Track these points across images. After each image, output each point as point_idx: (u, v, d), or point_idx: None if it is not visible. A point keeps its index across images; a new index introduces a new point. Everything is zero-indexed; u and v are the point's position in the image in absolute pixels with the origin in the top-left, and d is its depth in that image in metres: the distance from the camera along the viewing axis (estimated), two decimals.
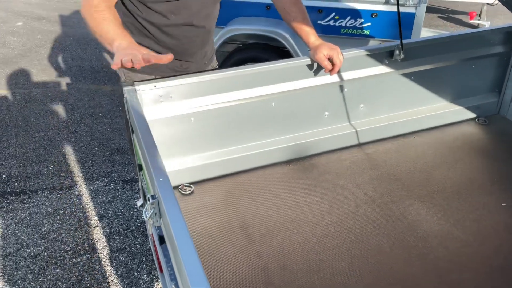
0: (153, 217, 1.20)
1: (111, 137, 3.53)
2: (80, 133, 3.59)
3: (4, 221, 2.65)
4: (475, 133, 2.22)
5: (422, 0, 2.99)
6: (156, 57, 1.37)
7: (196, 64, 1.90)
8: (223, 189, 1.84)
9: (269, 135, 1.95)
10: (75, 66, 4.90)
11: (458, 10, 6.30)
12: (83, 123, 3.74)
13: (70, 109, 3.97)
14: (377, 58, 1.99)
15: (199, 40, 1.84)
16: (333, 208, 1.75)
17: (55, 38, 5.74)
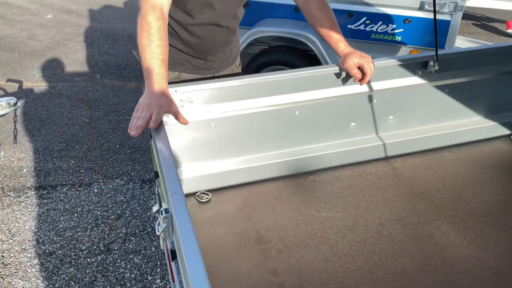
0: (165, 231, 1.14)
1: None
2: (102, 130, 3.59)
3: (22, 215, 2.65)
4: (509, 150, 2.09)
5: (458, 7, 2.86)
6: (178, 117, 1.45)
7: (220, 63, 1.85)
8: (240, 199, 1.78)
9: (292, 145, 1.88)
10: (101, 62, 4.92)
11: (494, 18, 6.08)
12: (106, 120, 3.74)
13: (94, 105, 3.98)
14: (409, 69, 1.89)
15: (223, 39, 1.79)
16: (356, 225, 1.66)
17: (84, 32, 5.79)
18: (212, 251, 1.53)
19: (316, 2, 1.73)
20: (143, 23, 1.45)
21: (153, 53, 1.43)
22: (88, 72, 4.65)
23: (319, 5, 1.73)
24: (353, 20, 3.11)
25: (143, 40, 1.44)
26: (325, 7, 1.75)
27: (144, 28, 1.44)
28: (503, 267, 1.48)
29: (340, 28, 3.20)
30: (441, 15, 2.92)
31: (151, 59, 1.43)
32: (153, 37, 1.44)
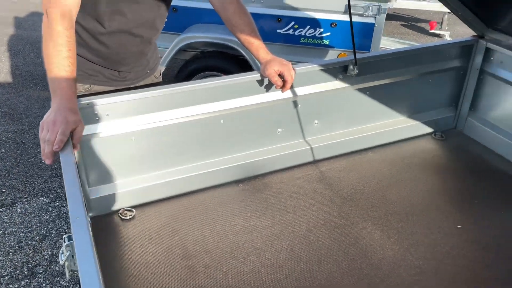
0: (69, 260, 1.06)
1: None
2: (27, 144, 3.38)
3: None
4: (432, 148, 2.17)
5: (381, 10, 2.95)
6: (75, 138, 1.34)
7: (135, 74, 1.77)
8: (166, 214, 1.71)
9: (218, 154, 1.84)
10: (26, 72, 4.65)
11: (421, 19, 6.37)
12: (31, 133, 3.52)
13: (18, 118, 3.74)
14: (331, 73, 1.90)
15: (137, 50, 1.71)
16: (283, 232, 1.65)
17: (8, 41, 5.46)
18: (135, 271, 1.46)
19: (234, 8, 1.70)
20: (51, 31, 1.35)
21: (61, 65, 1.34)
22: (12, 83, 4.38)
23: (238, 11, 1.71)
24: (281, 25, 3.12)
25: (50, 50, 1.35)
26: (244, 13, 1.72)
27: (52, 37, 1.35)
28: (425, 265, 1.52)
29: (270, 33, 3.22)
30: (366, 18, 3.00)
31: (58, 71, 1.34)
32: (62, 47, 1.35)
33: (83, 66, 1.67)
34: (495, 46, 2.07)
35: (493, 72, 2.12)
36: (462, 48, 2.14)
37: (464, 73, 2.20)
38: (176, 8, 3.24)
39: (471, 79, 2.19)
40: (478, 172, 2.02)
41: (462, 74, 2.20)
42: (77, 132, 1.33)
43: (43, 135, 1.26)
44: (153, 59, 1.85)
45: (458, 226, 1.70)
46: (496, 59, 2.10)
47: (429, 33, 5.56)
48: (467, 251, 1.59)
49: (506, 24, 2.03)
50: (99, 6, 1.54)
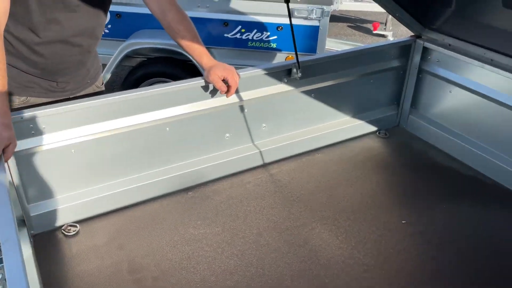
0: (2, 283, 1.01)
1: None
2: None
3: None
4: (376, 146, 2.23)
5: (324, 13, 3.01)
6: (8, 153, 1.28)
7: (75, 84, 1.71)
8: (113, 227, 1.66)
9: (165, 163, 1.81)
10: None
11: (366, 20, 6.55)
12: None
13: None
14: (275, 77, 1.92)
15: (75, 59, 1.65)
16: (234, 238, 1.64)
17: None
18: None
19: (174, 14, 1.68)
20: None
21: None
22: None
23: (178, 17, 1.69)
24: (229, 29, 3.12)
25: None
26: (185, 19, 1.70)
27: None
28: (372, 262, 1.56)
29: (217, 37, 3.21)
30: (310, 21, 3.05)
31: None
32: None
33: (18, 78, 1.60)
34: (431, 45, 2.16)
35: (431, 70, 2.21)
36: (401, 48, 2.22)
37: (404, 72, 2.28)
38: (120, 14, 3.17)
39: (411, 78, 2.27)
40: (421, 167, 2.10)
41: (402, 74, 2.28)
42: (9, 149, 1.27)
43: None
44: (93, 68, 1.79)
45: (403, 221, 1.76)
46: (433, 58, 2.19)
47: (373, 33, 5.73)
48: (412, 245, 1.64)
49: (441, 24, 2.12)
50: (33, 15, 1.47)
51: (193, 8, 3.10)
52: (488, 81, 1.97)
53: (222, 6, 3.10)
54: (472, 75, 2.03)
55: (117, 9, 3.15)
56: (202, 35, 3.24)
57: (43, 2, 1.46)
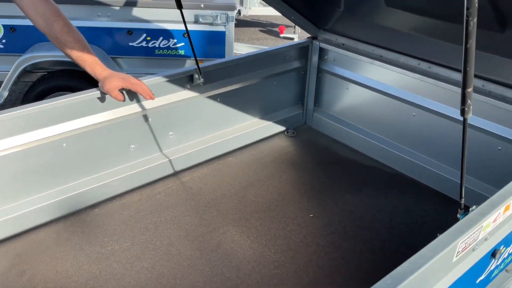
0: None
1: None
2: None
3: None
4: (285, 145, 2.30)
5: (229, 18, 3.05)
6: None
7: None
8: (12, 253, 1.55)
9: (66, 180, 1.73)
10: None
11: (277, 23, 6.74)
12: None
13: None
14: (178, 84, 1.91)
15: None
16: (144, 252, 1.61)
17: None
18: None
19: (61, 25, 1.61)
20: None
21: None
22: None
23: (65, 28, 1.62)
24: (133, 37, 3.05)
25: None
26: (72, 29, 1.63)
27: None
28: (282, 258, 1.60)
29: (122, 46, 3.12)
30: (216, 27, 3.07)
31: None
32: None
33: None
34: (327, 45, 2.27)
35: (328, 69, 2.32)
36: (300, 50, 2.31)
37: (305, 73, 2.38)
38: (15, 27, 2.98)
39: (312, 77, 2.37)
40: (327, 162, 2.20)
41: (303, 74, 2.38)
42: None
43: None
44: None
45: (311, 215, 1.82)
46: (329, 57, 2.30)
47: (281, 37, 5.91)
48: (319, 237, 1.71)
49: (334, 25, 2.23)
50: None
51: (94, 17, 2.99)
52: (378, 76, 2.12)
53: (124, 15, 3.02)
54: (365, 71, 2.16)
55: (11, 23, 2.95)
56: (106, 45, 3.17)
57: None
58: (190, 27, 3.06)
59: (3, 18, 2.95)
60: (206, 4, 3.03)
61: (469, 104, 0.92)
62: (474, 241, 1.07)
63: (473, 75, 0.89)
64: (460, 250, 1.02)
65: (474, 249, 1.09)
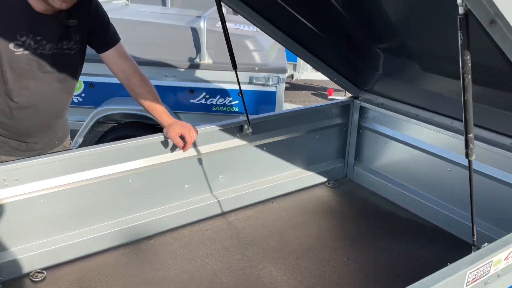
0: None
1: None
2: None
3: None
4: (325, 195, 2.45)
5: (280, 80, 3.35)
6: None
7: (43, 144, 1.89)
8: (77, 274, 1.79)
9: (128, 212, 1.98)
10: None
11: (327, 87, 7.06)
12: None
13: None
14: (230, 132, 2.16)
15: (44, 122, 1.85)
16: (191, 280, 1.78)
17: None
18: None
19: (137, 80, 1.94)
20: None
21: None
22: None
23: (141, 82, 1.94)
24: (194, 95, 3.42)
25: None
26: (146, 83, 1.96)
27: None
28: None
29: (184, 103, 3.49)
30: (268, 87, 3.38)
31: None
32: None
33: None
34: (367, 104, 2.47)
35: (368, 126, 2.50)
36: (342, 108, 2.52)
37: (346, 129, 2.57)
38: (93, 84, 3.44)
39: (352, 133, 2.56)
40: (365, 212, 2.32)
41: (345, 130, 2.57)
42: None
43: None
44: (61, 130, 1.97)
45: (346, 258, 1.94)
46: (369, 115, 2.49)
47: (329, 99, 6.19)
48: (353, 279, 1.82)
49: (373, 86, 2.44)
50: (8, 83, 1.68)
51: (162, 77, 3.40)
52: (415, 133, 2.26)
53: (188, 76, 3.41)
54: (402, 129, 2.32)
55: (90, 80, 3.42)
56: (171, 101, 3.55)
57: (16, 70, 1.67)
58: (244, 87, 3.39)
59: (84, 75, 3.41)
60: (260, 67, 3.37)
61: (471, 148, 1.07)
62: (486, 275, 1.16)
63: (472, 123, 1.05)
64: (469, 280, 1.13)
65: (486, 283, 1.18)
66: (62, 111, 1.92)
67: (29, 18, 1.65)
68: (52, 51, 1.72)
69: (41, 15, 1.66)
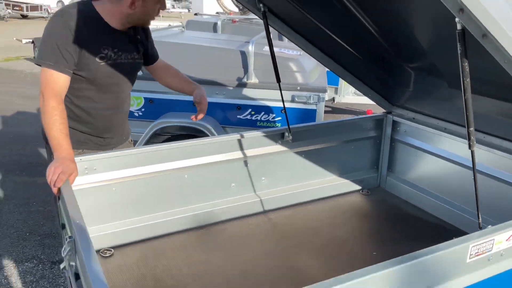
0: (70, 254, 1.45)
1: (43, 223, 3.67)
2: (12, 221, 3.70)
3: None
4: (358, 201, 2.67)
5: (320, 99, 3.62)
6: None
7: (116, 139, 2.26)
8: (140, 252, 2.10)
9: (183, 204, 2.28)
10: (12, 161, 5.06)
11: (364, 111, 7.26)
12: (17, 212, 3.86)
13: (5, 200, 4.09)
14: (272, 139, 2.45)
15: (119, 120, 2.22)
16: (238, 259, 2.05)
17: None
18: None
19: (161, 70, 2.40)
20: (48, 108, 1.87)
21: (59, 130, 1.84)
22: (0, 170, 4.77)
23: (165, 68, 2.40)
24: (241, 112, 3.75)
25: (47, 120, 1.86)
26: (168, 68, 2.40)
27: (48, 111, 1.87)
28: None
29: (231, 118, 3.82)
30: (309, 105, 3.66)
31: (56, 134, 1.84)
32: (57, 117, 1.86)
33: (76, 136, 2.15)
34: (399, 119, 2.69)
35: (401, 139, 2.71)
36: (376, 122, 2.75)
37: (380, 141, 2.79)
38: (152, 100, 3.85)
39: (385, 145, 2.77)
40: (395, 218, 2.51)
41: (378, 142, 2.79)
42: (73, 175, 1.79)
43: (51, 176, 1.72)
44: (127, 128, 2.36)
45: (374, 253, 2.14)
46: (401, 129, 2.70)
47: None
48: None
49: (404, 102, 2.66)
50: (94, 90, 2.07)
51: (213, 95, 3.76)
52: (445, 145, 2.46)
53: (236, 94, 3.76)
54: (432, 141, 2.52)
55: (150, 96, 3.84)
56: (219, 116, 3.88)
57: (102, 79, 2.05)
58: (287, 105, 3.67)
59: (145, 92, 3.85)
60: (302, 87, 3.66)
61: (472, 140, 1.30)
62: (488, 251, 1.36)
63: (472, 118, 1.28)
64: (473, 253, 1.33)
65: (489, 259, 1.37)
66: (128, 111, 2.30)
67: (109, 35, 2.04)
68: (126, 61, 2.12)
69: (117, 31, 2.06)
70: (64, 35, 1.92)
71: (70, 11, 1.97)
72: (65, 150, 1.82)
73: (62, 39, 1.91)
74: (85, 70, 2.01)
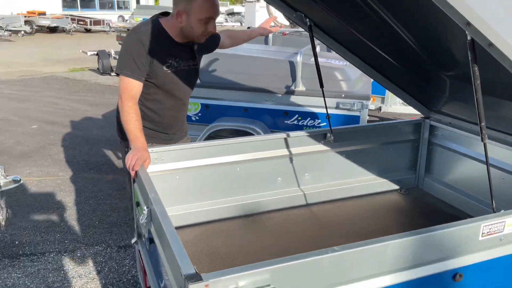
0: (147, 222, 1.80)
1: (110, 214, 4.12)
2: (84, 211, 4.19)
3: (16, 274, 3.13)
4: (395, 199, 2.87)
5: (364, 106, 3.85)
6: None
7: (178, 135, 2.63)
8: (198, 232, 2.43)
9: (235, 193, 2.60)
10: (82, 160, 5.63)
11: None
12: (87, 204, 4.35)
13: (76, 193, 4.60)
14: (316, 139, 2.72)
15: (180, 118, 2.60)
16: (280, 243, 2.33)
17: (66, 138, 6.57)
18: None
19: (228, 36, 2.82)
20: (126, 108, 2.26)
21: (135, 125, 2.22)
22: (71, 169, 5.33)
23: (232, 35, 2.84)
24: (288, 117, 4.04)
25: (125, 118, 2.24)
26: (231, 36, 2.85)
27: (125, 111, 2.25)
28: None
29: (279, 123, 4.12)
30: (353, 112, 3.89)
31: (133, 129, 2.21)
32: (134, 115, 2.25)
33: (146, 132, 2.52)
34: (437, 123, 2.87)
35: (438, 142, 2.89)
36: (414, 126, 2.95)
37: (417, 144, 2.98)
38: (208, 105, 4.23)
39: (423, 148, 2.96)
40: (430, 214, 2.69)
41: (416, 145, 2.98)
42: (147, 162, 2.15)
43: (129, 162, 2.08)
44: (185, 125, 2.73)
45: None
46: (439, 133, 2.88)
47: None
48: None
49: (442, 107, 2.85)
50: (162, 93, 2.45)
51: (262, 101, 4.08)
52: (479, 148, 2.62)
53: (283, 100, 4.06)
54: (467, 144, 2.69)
55: (206, 102, 4.22)
56: (268, 121, 4.20)
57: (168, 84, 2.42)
58: (331, 111, 3.94)
59: (202, 98, 4.23)
60: (346, 94, 3.90)
61: (484, 133, 1.51)
62: (500, 232, 1.56)
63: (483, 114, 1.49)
64: (485, 232, 1.53)
65: (501, 239, 1.57)
66: (187, 111, 2.66)
67: (172, 47, 2.41)
68: (186, 68, 2.47)
69: (179, 44, 2.43)
70: (138, 49, 2.30)
71: (142, 28, 2.36)
72: (140, 141, 2.19)
73: (136, 52, 2.30)
74: (155, 78, 2.39)
